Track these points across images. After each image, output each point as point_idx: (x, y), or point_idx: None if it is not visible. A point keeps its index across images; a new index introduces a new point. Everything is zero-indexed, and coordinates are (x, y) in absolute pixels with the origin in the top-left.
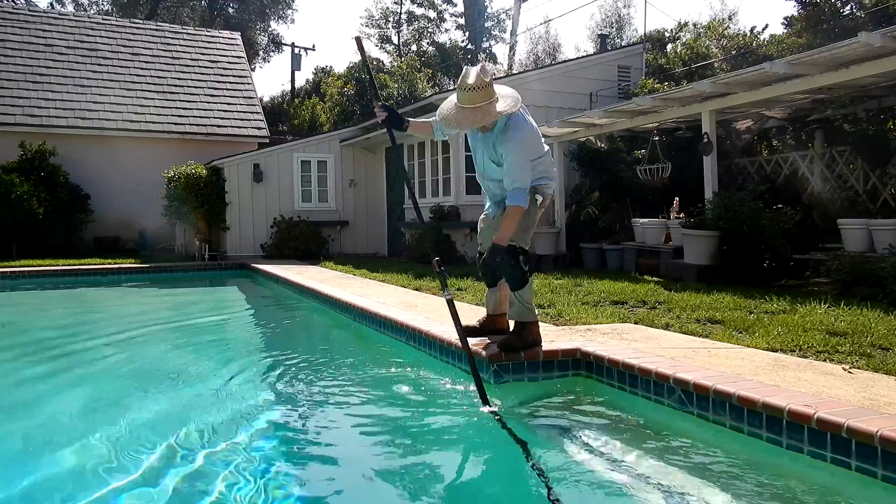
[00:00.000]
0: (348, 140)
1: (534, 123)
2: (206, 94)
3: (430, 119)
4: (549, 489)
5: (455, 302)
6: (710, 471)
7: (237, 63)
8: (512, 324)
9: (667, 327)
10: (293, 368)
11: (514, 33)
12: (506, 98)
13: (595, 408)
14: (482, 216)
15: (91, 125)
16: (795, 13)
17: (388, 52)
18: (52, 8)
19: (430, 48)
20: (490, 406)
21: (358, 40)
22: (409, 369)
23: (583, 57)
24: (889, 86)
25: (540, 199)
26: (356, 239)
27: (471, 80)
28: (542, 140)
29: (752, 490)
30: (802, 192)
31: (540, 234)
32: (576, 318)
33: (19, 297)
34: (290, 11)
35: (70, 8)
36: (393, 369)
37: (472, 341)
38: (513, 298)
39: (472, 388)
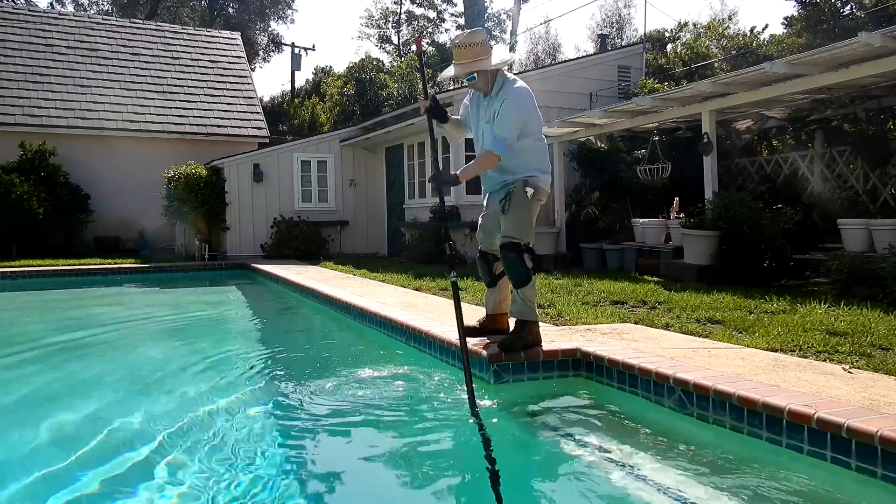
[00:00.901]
0: (348, 140)
1: (534, 100)
2: (206, 94)
3: (457, 117)
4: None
5: (448, 299)
6: (710, 471)
7: (237, 63)
8: (512, 323)
9: (667, 327)
10: (293, 368)
11: (514, 33)
12: (498, 54)
13: (595, 408)
14: (482, 213)
15: (91, 125)
16: (795, 13)
17: (388, 53)
18: (52, 8)
19: (430, 48)
20: (477, 418)
21: (417, 41)
22: (408, 369)
23: (583, 57)
24: (889, 86)
25: (531, 191)
26: (356, 239)
27: (458, 39)
28: (542, 126)
29: (752, 490)
30: (802, 192)
31: (540, 234)
32: (576, 318)
33: (19, 298)
34: (290, 11)
35: (70, 8)
36: (393, 369)
37: (471, 341)
38: (515, 296)
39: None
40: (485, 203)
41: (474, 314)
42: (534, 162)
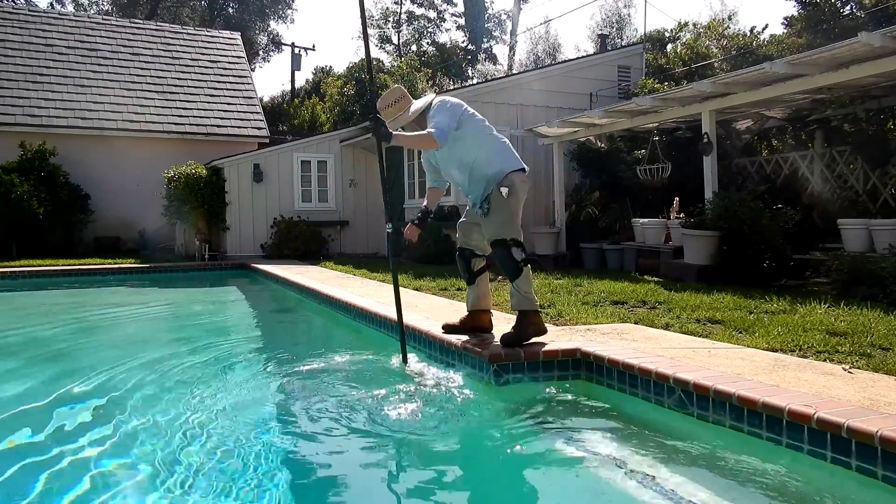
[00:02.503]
0: (348, 140)
1: (455, 101)
2: (206, 94)
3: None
4: None
5: (453, 301)
6: (710, 471)
7: (237, 63)
8: (514, 318)
9: (667, 327)
10: (292, 367)
11: (514, 33)
12: (416, 102)
13: (595, 408)
14: (465, 213)
15: (91, 125)
16: (795, 13)
17: (387, 53)
18: (52, 8)
19: (430, 48)
20: (407, 365)
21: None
22: (407, 369)
23: (583, 57)
24: (889, 86)
25: (506, 191)
26: (356, 239)
27: (377, 104)
28: (485, 122)
29: (752, 490)
30: (802, 192)
31: (540, 234)
32: (576, 318)
33: (19, 298)
34: (289, 11)
35: (70, 8)
36: (392, 369)
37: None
38: (512, 290)
39: (471, 387)
40: (468, 205)
41: (462, 311)
42: (498, 161)
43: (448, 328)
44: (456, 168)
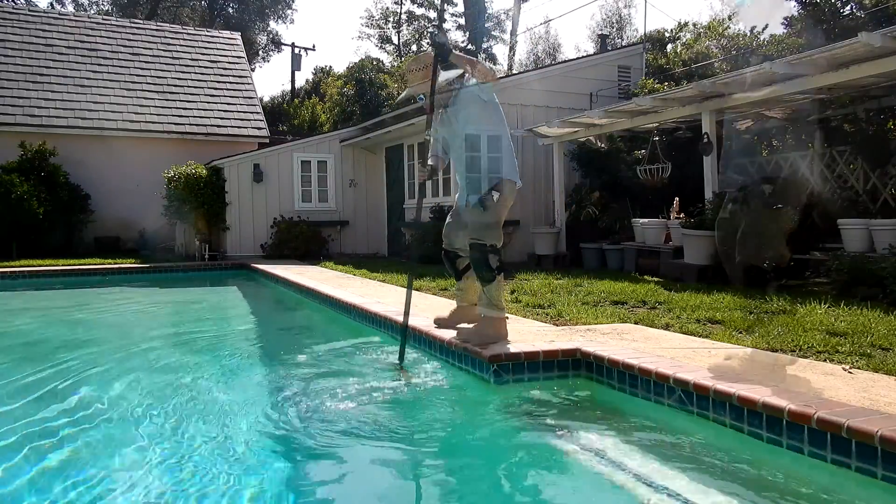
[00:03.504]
0: (348, 140)
1: (496, 100)
2: (206, 94)
3: (434, 154)
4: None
5: (453, 301)
6: (710, 471)
7: (237, 63)
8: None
9: (667, 327)
10: (291, 367)
11: (514, 33)
12: (444, 74)
13: (595, 408)
14: (450, 213)
15: (91, 125)
16: (795, 13)
17: (388, 53)
18: (52, 8)
19: (431, 48)
20: (401, 367)
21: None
22: (407, 369)
23: (583, 57)
24: (889, 86)
25: (497, 195)
26: (356, 239)
27: (407, 65)
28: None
29: (752, 490)
30: (802, 192)
31: (540, 234)
32: (576, 318)
33: (18, 298)
34: (289, 11)
35: (70, 8)
36: (392, 369)
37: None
38: (482, 294)
39: (471, 387)
40: (455, 204)
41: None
42: (506, 166)
43: (439, 322)
44: (466, 153)
